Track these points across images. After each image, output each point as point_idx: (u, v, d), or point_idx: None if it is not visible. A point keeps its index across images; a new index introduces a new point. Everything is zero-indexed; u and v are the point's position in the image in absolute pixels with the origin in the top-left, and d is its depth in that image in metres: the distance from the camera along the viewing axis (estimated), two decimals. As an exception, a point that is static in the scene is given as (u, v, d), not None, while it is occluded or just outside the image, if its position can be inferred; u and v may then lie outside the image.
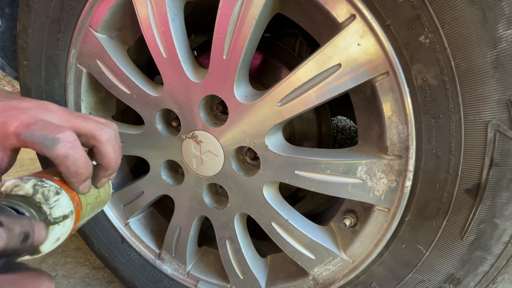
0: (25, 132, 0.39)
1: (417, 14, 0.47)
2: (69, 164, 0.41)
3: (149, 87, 0.74)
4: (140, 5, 0.66)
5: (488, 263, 0.56)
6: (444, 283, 0.61)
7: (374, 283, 0.68)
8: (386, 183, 0.59)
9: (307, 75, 0.57)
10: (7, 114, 0.40)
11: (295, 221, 0.71)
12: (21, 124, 0.40)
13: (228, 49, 0.61)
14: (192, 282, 0.92)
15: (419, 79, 0.51)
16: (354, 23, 0.52)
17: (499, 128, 0.48)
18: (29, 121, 0.40)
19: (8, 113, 0.40)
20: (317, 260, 0.71)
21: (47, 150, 0.40)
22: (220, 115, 0.73)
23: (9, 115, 0.40)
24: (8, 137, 0.40)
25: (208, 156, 0.73)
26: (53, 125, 0.41)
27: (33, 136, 0.39)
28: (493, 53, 0.45)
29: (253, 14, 0.57)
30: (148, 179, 0.85)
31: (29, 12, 0.77)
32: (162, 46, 0.67)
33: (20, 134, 0.39)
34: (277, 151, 0.65)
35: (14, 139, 0.39)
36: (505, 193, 0.51)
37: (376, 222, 0.63)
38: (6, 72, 0.92)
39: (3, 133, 0.39)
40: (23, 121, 0.40)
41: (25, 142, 0.39)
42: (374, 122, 0.60)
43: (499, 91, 0.47)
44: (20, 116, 0.40)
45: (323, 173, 0.63)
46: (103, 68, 0.76)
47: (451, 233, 0.57)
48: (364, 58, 0.53)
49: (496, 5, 0.43)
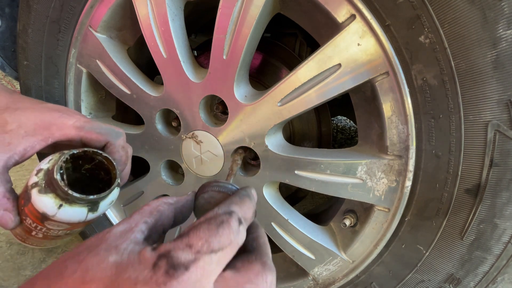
0: (90, 126, 0.48)
1: (417, 14, 0.47)
2: (123, 153, 0.51)
3: (149, 87, 0.74)
4: (140, 5, 0.66)
5: (488, 263, 0.56)
6: (444, 283, 0.61)
7: (374, 283, 0.68)
8: (386, 183, 0.59)
9: (307, 75, 0.57)
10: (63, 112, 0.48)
11: (295, 221, 0.71)
12: (80, 120, 0.48)
13: (228, 49, 0.61)
14: (192, 282, 0.92)
15: (419, 79, 0.51)
16: (354, 23, 0.52)
17: (499, 128, 0.48)
18: (87, 119, 0.50)
19: (63, 112, 0.48)
20: (317, 260, 0.71)
21: (113, 139, 0.50)
22: (220, 115, 0.73)
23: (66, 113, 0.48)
24: (65, 129, 0.47)
25: (208, 156, 0.73)
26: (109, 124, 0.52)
27: (100, 128, 0.49)
28: (493, 53, 0.45)
29: (253, 14, 0.57)
30: (148, 179, 0.85)
31: (29, 12, 0.77)
32: (162, 46, 0.67)
33: (84, 127, 0.48)
34: (277, 151, 0.65)
35: (73, 130, 0.47)
36: (505, 193, 0.51)
37: (376, 222, 0.63)
38: (6, 72, 0.92)
39: (60, 125, 0.47)
40: (80, 119, 0.49)
41: (88, 133, 0.48)
42: (374, 122, 0.60)
43: (499, 91, 0.47)
44: (75, 115, 0.49)
45: (323, 173, 0.63)
46: (103, 68, 0.76)
47: (451, 233, 0.57)
48: (364, 58, 0.53)
49: (496, 5, 0.43)
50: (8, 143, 0.43)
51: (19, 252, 1.22)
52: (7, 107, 0.46)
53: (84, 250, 0.28)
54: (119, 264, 0.27)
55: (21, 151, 0.44)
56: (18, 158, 0.44)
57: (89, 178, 0.49)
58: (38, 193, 0.40)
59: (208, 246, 0.29)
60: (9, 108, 0.46)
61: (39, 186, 0.41)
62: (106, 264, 0.27)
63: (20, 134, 0.44)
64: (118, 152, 0.50)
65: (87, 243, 0.29)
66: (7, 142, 0.43)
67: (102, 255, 0.27)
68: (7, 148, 0.43)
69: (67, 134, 0.47)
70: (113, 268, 0.26)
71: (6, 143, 0.43)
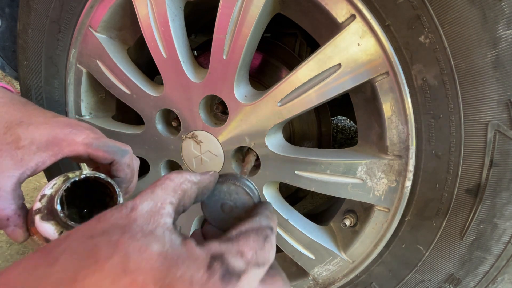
0: (98, 143, 0.48)
1: (417, 14, 0.47)
2: (128, 171, 0.51)
3: (149, 87, 0.74)
4: (140, 5, 0.66)
5: (488, 263, 0.56)
6: (444, 283, 0.61)
7: (374, 283, 0.68)
8: (386, 183, 0.59)
9: (307, 75, 0.57)
10: (74, 128, 0.48)
11: (295, 221, 0.71)
12: (88, 137, 0.48)
13: (228, 49, 0.61)
14: (192, 282, 0.92)
15: (419, 79, 0.51)
16: (354, 23, 0.52)
17: (499, 128, 0.48)
18: (97, 136, 0.50)
19: (74, 127, 0.49)
20: (317, 260, 0.71)
21: (118, 157, 0.50)
22: (220, 115, 0.73)
23: (76, 129, 0.49)
24: (74, 145, 0.47)
25: (208, 156, 0.73)
26: (117, 141, 0.52)
27: (107, 145, 0.49)
28: (493, 53, 0.45)
29: (253, 14, 0.57)
30: (148, 179, 0.85)
31: (29, 12, 0.77)
32: (162, 46, 0.67)
33: (92, 143, 0.48)
34: (277, 151, 0.65)
35: (82, 147, 0.47)
36: (505, 193, 0.51)
37: (376, 222, 0.63)
38: (6, 72, 0.92)
39: (69, 141, 0.47)
40: (89, 135, 0.49)
41: (95, 150, 0.48)
42: (374, 122, 0.60)
43: (499, 91, 0.47)
44: (85, 131, 0.49)
45: (323, 173, 0.62)
46: (103, 68, 0.76)
47: (451, 233, 0.57)
48: (364, 58, 0.53)
49: (496, 5, 0.43)
50: (20, 159, 0.44)
51: (19, 252, 1.22)
52: (20, 122, 0.47)
53: (114, 228, 0.25)
54: (166, 256, 0.25)
55: (33, 167, 0.45)
56: (29, 173, 0.45)
57: (92, 196, 0.50)
58: (41, 220, 0.42)
59: (257, 259, 0.28)
60: (22, 123, 0.46)
61: (41, 213, 0.42)
62: (150, 253, 0.24)
63: (32, 150, 0.45)
64: (123, 171, 0.51)
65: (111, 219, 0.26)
66: (20, 158, 0.44)
67: (142, 242, 0.25)
68: (19, 164, 0.44)
69: (76, 150, 0.48)
70: (160, 259, 0.24)
71: (19, 159, 0.44)
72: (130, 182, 0.53)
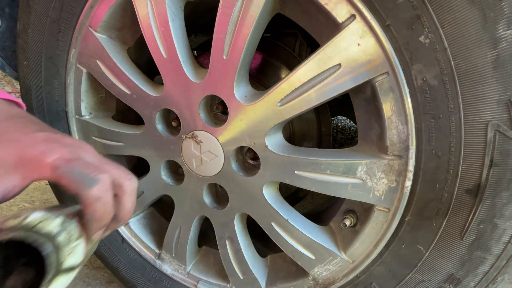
0: (65, 167, 0.39)
1: (417, 14, 0.47)
2: (97, 208, 0.40)
3: (149, 87, 0.74)
4: (140, 5, 0.66)
5: (488, 263, 0.56)
6: (444, 283, 0.61)
7: (374, 283, 0.68)
8: (386, 183, 0.59)
9: (307, 75, 0.57)
10: (48, 146, 0.41)
11: (295, 221, 0.71)
12: (61, 157, 0.40)
13: (228, 49, 0.61)
14: (192, 282, 0.92)
15: (419, 79, 0.51)
16: (354, 23, 0.52)
17: (499, 128, 0.48)
18: (71, 157, 0.40)
19: (49, 144, 0.41)
20: (317, 260, 0.71)
21: (82, 189, 0.39)
22: (220, 115, 0.73)
23: (50, 147, 0.40)
24: (41, 168, 0.39)
25: (208, 156, 0.73)
26: (93, 166, 0.41)
27: (73, 172, 0.39)
28: (493, 53, 0.45)
29: (253, 14, 0.57)
30: (148, 179, 0.85)
31: (29, 12, 0.77)
32: (162, 46, 0.67)
33: (59, 167, 0.39)
34: (277, 151, 0.65)
35: (48, 171, 0.39)
36: (505, 193, 0.51)
37: (376, 222, 0.63)
38: (6, 72, 0.92)
39: (37, 163, 0.39)
40: (63, 155, 0.40)
41: (59, 177, 0.39)
42: (374, 122, 0.60)
43: (499, 91, 0.47)
44: (61, 150, 0.40)
45: (323, 173, 0.62)
46: (103, 68, 0.76)
47: (451, 233, 0.57)
48: (364, 58, 0.53)
49: (496, 5, 0.43)
50: None
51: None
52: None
53: None
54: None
55: (1, 192, 0.40)
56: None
57: None
58: None
59: None
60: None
61: None
62: None
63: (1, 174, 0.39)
64: (90, 206, 0.40)
65: None
66: None
67: None
68: None
69: (42, 174, 0.40)
70: None
71: None
72: (102, 221, 0.41)
